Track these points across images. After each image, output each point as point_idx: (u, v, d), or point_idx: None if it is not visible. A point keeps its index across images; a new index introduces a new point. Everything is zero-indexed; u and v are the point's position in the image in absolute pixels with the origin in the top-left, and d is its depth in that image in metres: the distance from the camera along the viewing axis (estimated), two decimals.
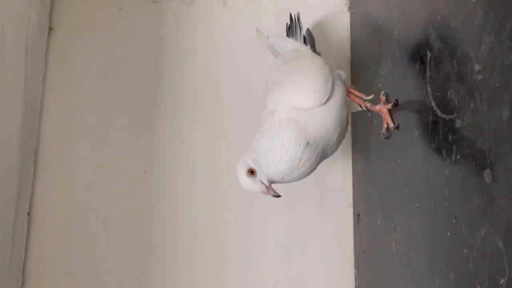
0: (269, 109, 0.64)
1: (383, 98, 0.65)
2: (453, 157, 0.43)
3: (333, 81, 0.63)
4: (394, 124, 0.62)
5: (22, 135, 0.79)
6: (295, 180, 0.62)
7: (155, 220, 0.87)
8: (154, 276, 0.85)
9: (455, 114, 0.43)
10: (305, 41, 0.79)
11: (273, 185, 0.62)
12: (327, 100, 0.62)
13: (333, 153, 0.65)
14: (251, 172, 0.61)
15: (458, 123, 0.42)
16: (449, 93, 0.44)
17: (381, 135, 0.65)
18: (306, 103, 0.61)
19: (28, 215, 0.83)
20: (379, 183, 0.71)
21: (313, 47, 0.77)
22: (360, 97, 0.68)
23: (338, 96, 0.63)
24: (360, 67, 0.85)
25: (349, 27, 0.93)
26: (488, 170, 0.37)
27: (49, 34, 0.89)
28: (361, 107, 0.67)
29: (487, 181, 0.37)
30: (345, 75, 0.69)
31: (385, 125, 0.64)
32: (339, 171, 0.90)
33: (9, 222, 0.76)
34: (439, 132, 0.46)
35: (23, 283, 0.82)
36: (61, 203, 0.85)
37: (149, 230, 0.86)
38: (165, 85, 0.91)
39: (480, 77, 0.38)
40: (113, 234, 0.86)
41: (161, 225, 0.86)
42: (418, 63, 0.53)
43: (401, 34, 0.61)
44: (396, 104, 0.61)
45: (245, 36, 0.91)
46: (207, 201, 0.88)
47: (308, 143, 0.59)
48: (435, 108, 0.48)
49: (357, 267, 0.85)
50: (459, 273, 0.42)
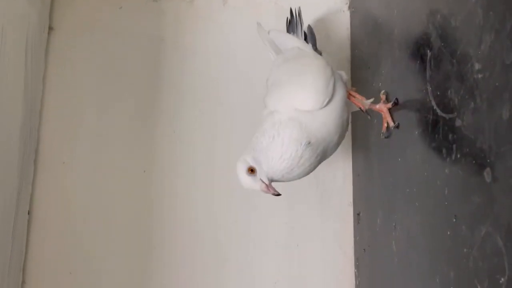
0: (270, 109, 0.64)
1: (383, 97, 0.65)
2: (453, 156, 0.43)
3: (334, 83, 0.63)
4: (394, 123, 0.62)
5: (22, 135, 0.79)
6: (295, 178, 0.62)
7: (155, 220, 0.87)
8: (154, 276, 0.85)
9: (455, 113, 0.43)
10: (305, 38, 0.78)
11: (273, 184, 0.62)
12: (328, 102, 0.61)
13: (332, 153, 0.65)
14: (251, 170, 0.61)
15: (458, 122, 0.42)
16: (449, 92, 0.44)
17: (381, 134, 0.65)
18: (307, 105, 0.61)
19: (28, 214, 0.83)
20: (379, 182, 0.71)
21: (314, 46, 0.77)
22: (360, 100, 0.67)
23: (339, 97, 0.63)
24: (360, 66, 0.85)
25: (349, 26, 0.93)
26: (488, 169, 0.37)
27: (49, 33, 0.89)
28: (361, 110, 0.67)
29: (487, 180, 0.37)
30: (346, 76, 0.69)
31: (385, 124, 0.64)
32: (339, 170, 0.90)
33: (10, 221, 0.76)
34: (439, 131, 0.46)
35: (24, 282, 0.82)
36: (61, 203, 0.85)
37: (149, 230, 0.86)
38: (165, 85, 0.91)
39: (480, 76, 0.38)
40: (113, 233, 0.86)
41: (161, 225, 0.86)
42: (418, 62, 0.53)
43: (401, 33, 0.61)
44: (396, 103, 0.61)
45: (245, 35, 0.91)
46: (207, 201, 0.88)
47: (309, 143, 0.59)
48: (435, 107, 0.48)
49: (357, 266, 0.85)
50: (459, 272, 0.42)
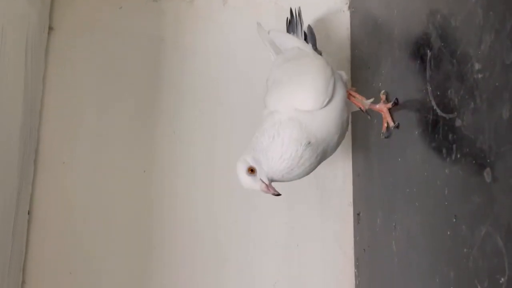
0: (270, 109, 0.64)
1: (383, 97, 0.65)
2: (453, 156, 0.43)
3: (335, 83, 0.63)
4: (394, 123, 0.62)
5: (22, 135, 0.79)
6: (295, 179, 0.62)
7: (155, 220, 0.87)
8: (154, 276, 0.85)
9: (455, 113, 0.43)
10: (306, 38, 0.78)
11: (273, 184, 0.62)
12: (328, 102, 0.61)
13: (332, 153, 0.65)
14: (251, 170, 0.61)
15: (458, 122, 0.42)
16: (449, 92, 0.44)
17: (381, 134, 0.65)
18: (306, 105, 0.61)
19: (28, 214, 0.83)
20: (379, 182, 0.71)
21: (314, 46, 0.77)
22: (360, 100, 0.67)
23: (339, 97, 0.63)
24: (360, 66, 0.85)
25: (349, 26, 0.93)
26: (488, 169, 0.37)
27: (49, 33, 0.89)
28: (361, 110, 0.67)
29: (487, 180, 0.37)
30: (346, 76, 0.69)
31: (385, 124, 0.64)
32: (339, 170, 0.90)
33: (10, 221, 0.76)
34: (439, 131, 0.46)
35: (24, 282, 0.82)
36: (61, 202, 0.85)
37: (149, 230, 0.86)
38: (165, 85, 0.91)
39: (480, 76, 0.38)
40: (113, 233, 0.86)
41: (161, 225, 0.86)
42: (418, 62, 0.53)
43: (401, 33, 0.61)
44: (396, 103, 0.61)
45: (245, 35, 0.91)
46: (207, 201, 0.88)
47: (309, 143, 0.59)
48: (435, 107, 0.48)
49: (357, 266, 0.85)
50: (459, 272, 0.42)
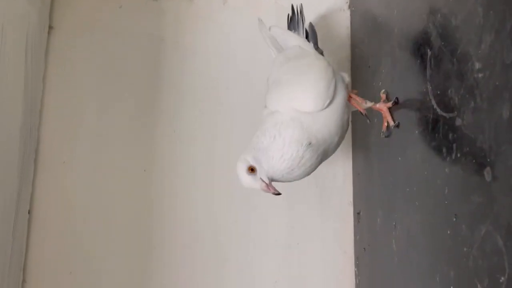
0: (270, 109, 0.64)
1: (383, 96, 0.65)
2: (453, 156, 0.43)
3: (336, 84, 0.63)
4: (394, 122, 0.62)
5: (22, 134, 0.79)
6: (295, 179, 0.62)
7: (155, 220, 0.87)
8: (154, 276, 0.85)
9: (455, 112, 0.43)
10: (307, 36, 0.77)
11: (273, 183, 0.61)
12: (329, 103, 0.61)
13: (332, 154, 0.65)
14: (251, 169, 0.60)
15: (458, 122, 0.42)
16: (449, 91, 0.44)
17: (381, 134, 0.65)
18: (307, 107, 0.60)
19: (28, 213, 0.83)
20: (379, 181, 0.71)
21: (316, 45, 0.76)
22: (360, 103, 0.66)
23: (340, 99, 0.63)
24: (360, 66, 0.85)
25: (349, 25, 0.93)
26: (488, 168, 0.37)
27: (49, 32, 0.89)
28: (361, 113, 0.66)
29: (487, 180, 0.37)
30: (348, 78, 0.68)
31: (386, 124, 0.64)
32: (339, 169, 0.90)
33: (10, 220, 0.76)
34: (439, 130, 0.46)
35: (24, 281, 0.82)
36: (62, 202, 0.86)
37: (149, 230, 0.86)
38: (165, 85, 0.91)
39: (480, 75, 0.38)
40: (113, 232, 0.86)
41: (161, 225, 0.86)
42: (418, 61, 0.53)
43: (401, 32, 0.61)
44: (396, 102, 0.61)
45: (245, 35, 0.91)
46: (207, 201, 0.88)
47: (310, 144, 0.59)
48: (435, 106, 0.48)
49: (357, 265, 0.85)
50: (459, 271, 0.42)
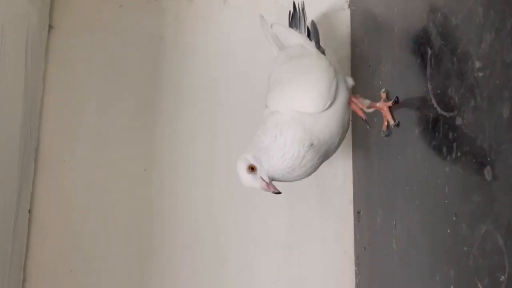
0: (271, 109, 0.64)
1: (384, 95, 0.65)
2: (454, 155, 0.43)
3: (337, 84, 0.62)
4: (394, 121, 0.62)
5: (22, 134, 0.79)
6: (295, 179, 0.62)
7: (155, 220, 0.87)
8: (154, 276, 0.85)
9: (456, 111, 0.43)
10: (309, 34, 0.77)
11: (273, 183, 0.61)
12: (331, 104, 0.61)
13: (333, 154, 0.65)
14: (252, 168, 0.60)
15: (458, 121, 0.42)
16: (449, 90, 0.44)
17: (381, 133, 0.65)
18: (309, 108, 0.60)
19: (28, 213, 0.83)
20: (379, 180, 0.71)
21: (318, 44, 0.75)
22: (361, 108, 0.66)
23: (341, 99, 0.63)
24: (360, 65, 0.85)
25: (349, 24, 0.93)
26: (488, 167, 0.37)
27: (49, 32, 0.89)
28: (362, 118, 0.66)
29: (487, 179, 0.37)
30: (352, 82, 0.67)
31: (386, 123, 0.64)
32: (340, 168, 0.90)
33: (10, 220, 0.76)
34: (440, 129, 0.46)
35: (24, 280, 0.82)
36: (62, 201, 0.86)
37: (149, 229, 0.86)
38: (165, 84, 0.91)
39: (480, 74, 0.38)
40: (113, 231, 0.86)
41: (161, 225, 0.86)
42: (418, 60, 0.53)
43: (401, 31, 0.61)
44: (396, 101, 0.61)
45: (245, 35, 0.91)
46: (207, 201, 0.88)
47: (312, 144, 0.59)
48: (435, 105, 0.48)
49: (358, 264, 0.85)
50: (459, 270, 0.42)
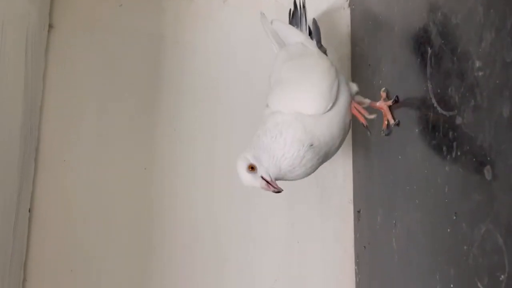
0: (272, 109, 0.64)
1: (384, 94, 0.65)
2: (454, 154, 0.43)
3: (338, 84, 0.62)
4: (394, 120, 0.62)
5: (22, 133, 0.79)
6: (295, 179, 0.62)
7: (155, 219, 0.87)
8: (154, 275, 0.85)
9: (456, 110, 0.43)
10: (310, 33, 0.76)
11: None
12: (332, 106, 0.61)
13: (334, 155, 0.65)
14: (252, 168, 0.60)
15: (458, 120, 0.42)
16: (449, 89, 0.44)
17: (381, 132, 0.65)
18: (310, 110, 0.60)
19: (29, 212, 0.83)
20: (379, 180, 0.71)
21: (319, 43, 0.75)
22: (363, 114, 0.65)
23: (343, 100, 0.62)
24: (360, 64, 0.85)
25: (349, 24, 0.93)
26: (488, 167, 0.37)
27: (49, 31, 0.89)
28: (363, 124, 0.66)
29: (487, 178, 0.37)
30: (357, 88, 0.67)
31: (386, 122, 0.64)
32: (340, 167, 0.90)
33: (10, 219, 0.76)
34: (440, 129, 0.46)
35: (25, 279, 0.82)
36: (62, 200, 0.86)
37: (149, 229, 0.86)
38: (165, 84, 0.91)
39: (480, 73, 0.38)
40: (113, 231, 0.86)
41: (161, 225, 0.86)
42: (418, 59, 0.53)
43: (401, 30, 0.61)
44: (396, 100, 0.61)
45: (245, 34, 0.91)
46: (207, 201, 0.88)
47: (312, 145, 0.59)
48: (435, 104, 0.48)
49: (358, 263, 0.85)
50: (459, 270, 0.42)
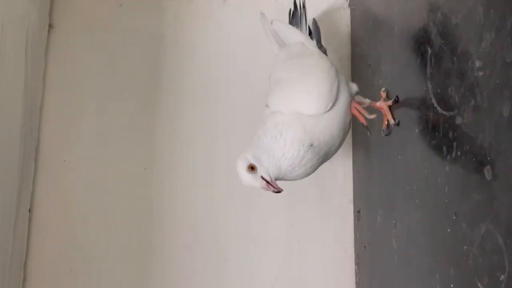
0: (272, 109, 0.64)
1: (384, 94, 0.65)
2: (454, 154, 0.43)
3: (339, 85, 0.62)
4: (394, 120, 0.62)
5: (22, 133, 0.79)
6: (295, 178, 0.62)
7: (155, 219, 0.87)
8: (154, 275, 0.85)
9: (456, 110, 0.43)
10: (310, 33, 0.76)
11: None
12: (332, 106, 0.61)
13: (334, 155, 0.65)
14: (252, 168, 0.60)
15: (458, 120, 0.42)
16: (449, 89, 0.44)
17: (381, 132, 0.65)
18: (310, 110, 0.60)
19: (29, 212, 0.83)
20: (379, 180, 0.71)
21: (319, 43, 0.75)
22: (363, 115, 0.65)
23: (343, 100, 0.62)
24: (360, 64, 0.85)
25: (349, 23, 0.93)
26: (488, 166, 0.37)
27: (49, 31, 0.89)
28: (363, 125, 0.66)
29: (487, 178, 0.37)
30: (357, 88, 0.67)
31: (386, 122, 0.64)
32: (340, 167, 0.90)
33: (10, 219, 0.76)
34: (440, 129, 0.46)
35: (25, 279, 0.82)
36: (62, 200, 0.86)
37: (149, 229, 0.86)
38: (165, 84, 0.91)
39: (480, 73, 0.38)
40: (113, 231, 0.86)
41: (161, 225, 0.86)
42: (418, 59, 0.53)
43: (401, 30, 0.61)
44: (396, 100, 0.61)
45: (245, 34, 0.91)
46: (207, 201, 0.88)
47: (312, 145, 0.59)
48: (435, 104, 0.48)
49: (358, 263, 0.85)
50: (459, 270, 0.42)
